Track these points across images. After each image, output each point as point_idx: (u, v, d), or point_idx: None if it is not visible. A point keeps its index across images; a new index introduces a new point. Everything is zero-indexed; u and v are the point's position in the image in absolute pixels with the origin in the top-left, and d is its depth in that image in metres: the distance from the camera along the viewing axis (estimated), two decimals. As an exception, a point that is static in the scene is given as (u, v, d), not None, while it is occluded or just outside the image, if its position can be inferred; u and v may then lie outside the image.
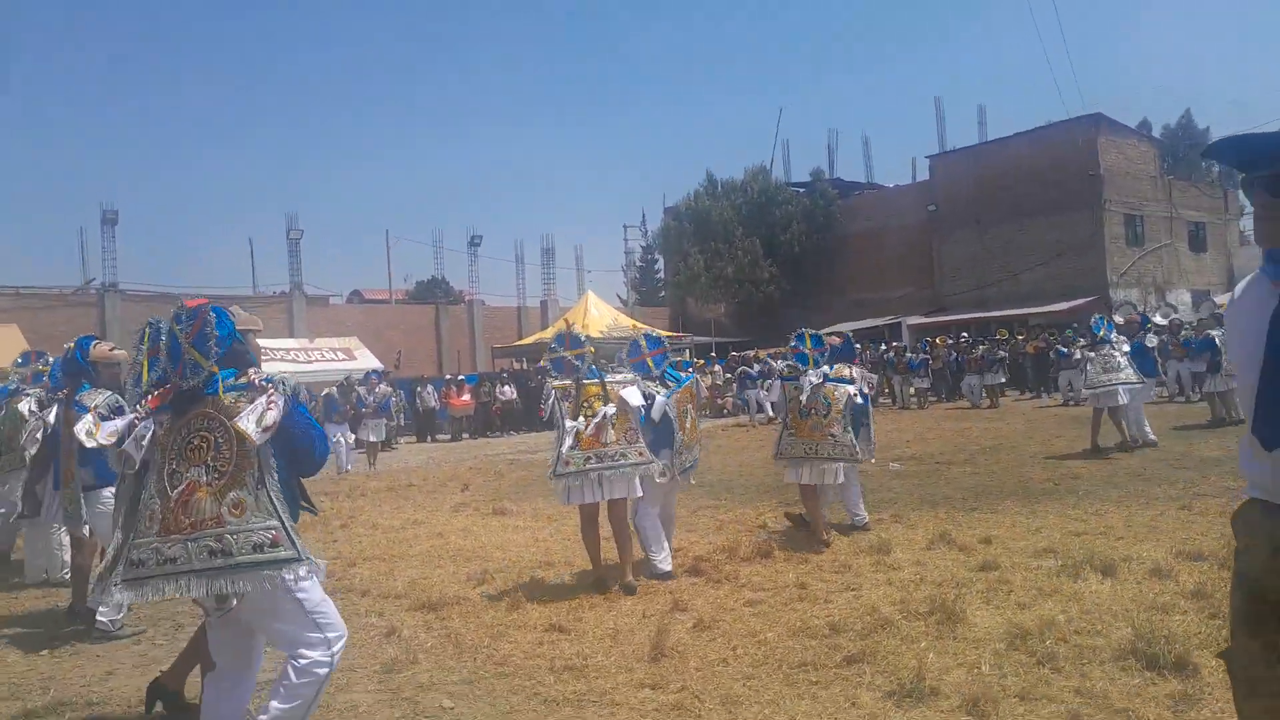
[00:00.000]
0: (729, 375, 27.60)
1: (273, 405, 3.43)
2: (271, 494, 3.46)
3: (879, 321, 36.16)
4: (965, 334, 29.07)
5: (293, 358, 27.01)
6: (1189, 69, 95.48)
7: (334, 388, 17.80)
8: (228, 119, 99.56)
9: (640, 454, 6.53)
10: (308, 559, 3.46)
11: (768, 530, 8.30)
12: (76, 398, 5.84)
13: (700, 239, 40.26)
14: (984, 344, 25.17)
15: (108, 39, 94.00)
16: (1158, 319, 26.56)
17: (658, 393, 6.87)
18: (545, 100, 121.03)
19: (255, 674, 3.83)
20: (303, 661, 3.46)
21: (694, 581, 6.55)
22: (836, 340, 8.59)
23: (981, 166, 36.00)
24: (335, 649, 3.52)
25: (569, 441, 6.42)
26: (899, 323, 35.68)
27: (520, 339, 34.59)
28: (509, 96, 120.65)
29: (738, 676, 4.53)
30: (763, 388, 25.42)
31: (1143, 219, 34.38)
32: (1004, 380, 24.12)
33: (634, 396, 6.61)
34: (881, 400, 25.01)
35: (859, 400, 7.96)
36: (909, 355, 26.34)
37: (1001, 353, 23.99)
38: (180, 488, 3.46)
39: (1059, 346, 23.42)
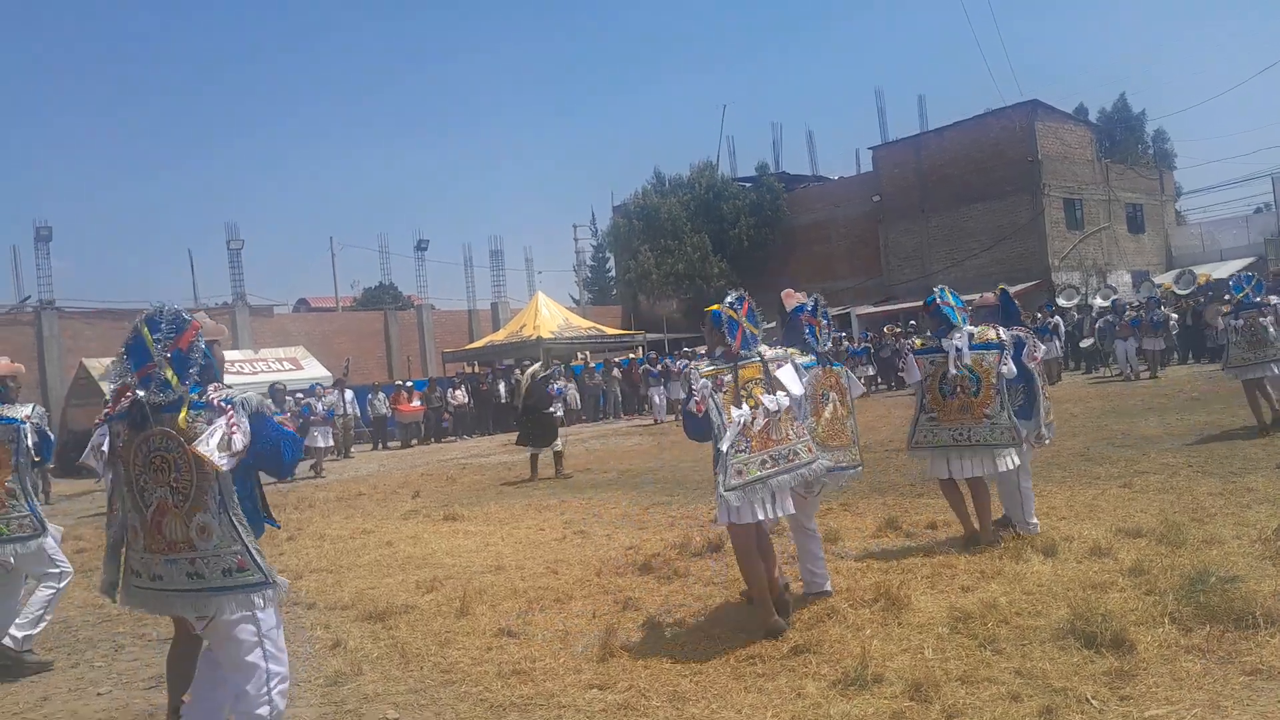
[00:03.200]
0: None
1: (235, 429, 3.33)
2: (234, 517, 3.40)
3: (830, 312, 36.46)
4: (914, 321, 29.43)
5: (237, 370, 26.51)
6: (1123, 53, 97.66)
7: (267, 398, 17.43)
8: (162, 128, 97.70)
9: (809, 449, 5.23)
10: (274, 582, 3.46)
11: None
12: None
13: (650, 236, 40.28)
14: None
15: (33, 51, 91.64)
16: (1099, 301, 27.22)
17: (796, 360, 5.44)
18: (490, 102, 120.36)
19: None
20: (241, 705, 3.44)
21: (645, 579, 6.54)
22: (991, 298, 6.96)
23: (923, 156, 36.48)
24: (274, 689, 3.46)
25: (732, 439, 4.93)
26: (848, 312, 36.02)
27: (471, 342, 34.34)
28: (453, 99, 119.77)
29: (686, 672, 4.53)
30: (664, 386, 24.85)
31: (1081, 203, 35.04)
32: None
33: (791, 378, 5.22)
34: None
35: (1011, 369, 6.36)
36: (846, 344, 26.44)
37: None
38: (152, 507, 3.43)
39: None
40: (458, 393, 25.58)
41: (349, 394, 22.80)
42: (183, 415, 3.37)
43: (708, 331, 5.35)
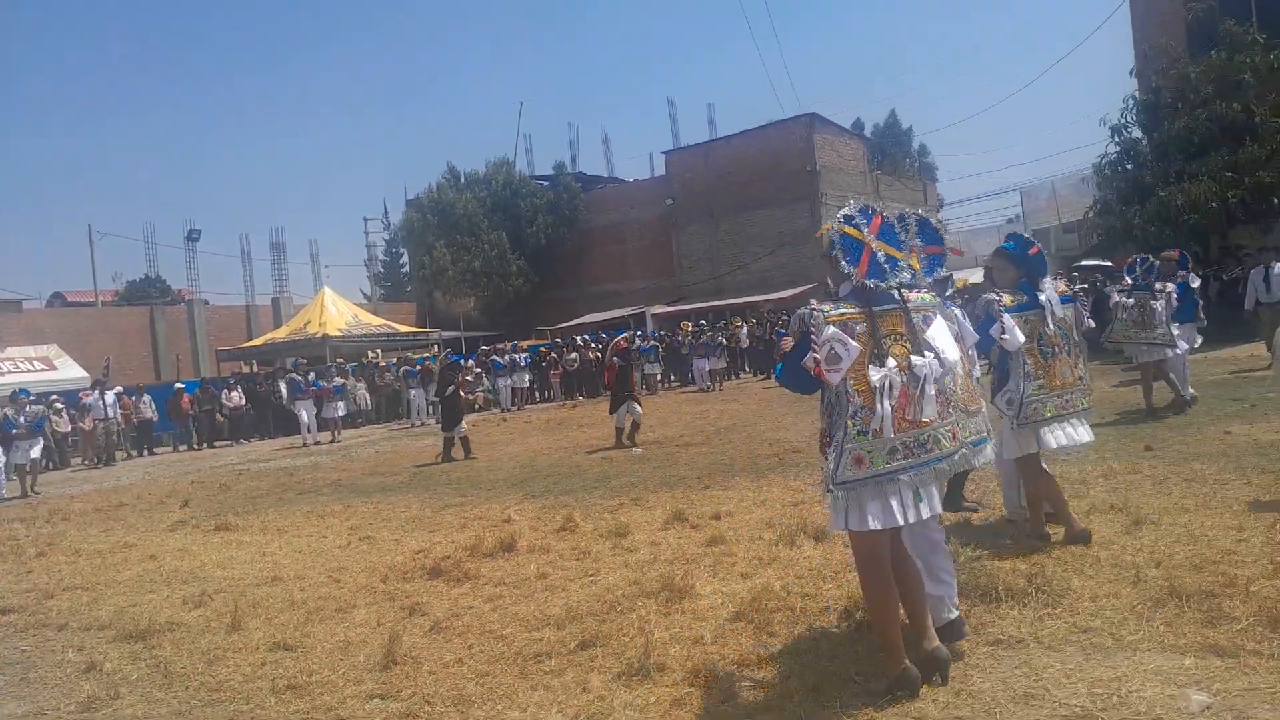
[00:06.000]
0: (479, 370, 27.30)
1: None
2: None
3: (624, 312, 37.15)
4: (704, 320, 30.50)
5: (-22, 371, 23.90)
6: (894, 72, 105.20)
7: (7, 407, 15.82)
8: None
9: (953, 435, 3.88)
10: None
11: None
12: None
13: (445, 232, 39.57)
14: (708, 331, 26.72)
15: None
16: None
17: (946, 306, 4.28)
18: (270, 79, 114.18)
19: None
20: None
21: (434, 583, 6.39)
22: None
23: (712, 162, 37.90)
24: None
25: (888, 418, 3.65)
26: (643, 312, 36.84)
27: (250, 340, 32.46)
28: (227, 75, 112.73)
29: (472, 675, 4.47)
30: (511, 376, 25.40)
31: (855, 211, 37.45)
32: (724, 365, 25.72)
33: (945, 337, 3.91)
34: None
35: (1091, 323, 6.06)
36: (639, 341, 27.15)
37: (721, 339, 25.72)
38: None
39: (779, 330, 25.40)
40: (233, 394, 24.11)
41: (109, 396, 21.04)
42: None
43: (825, 264, 3.97)
